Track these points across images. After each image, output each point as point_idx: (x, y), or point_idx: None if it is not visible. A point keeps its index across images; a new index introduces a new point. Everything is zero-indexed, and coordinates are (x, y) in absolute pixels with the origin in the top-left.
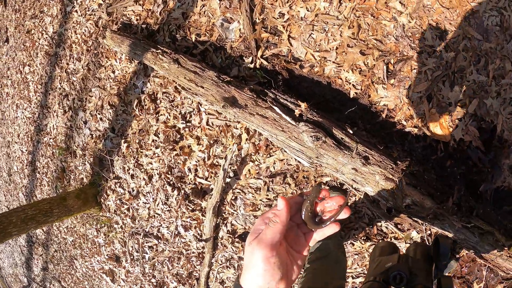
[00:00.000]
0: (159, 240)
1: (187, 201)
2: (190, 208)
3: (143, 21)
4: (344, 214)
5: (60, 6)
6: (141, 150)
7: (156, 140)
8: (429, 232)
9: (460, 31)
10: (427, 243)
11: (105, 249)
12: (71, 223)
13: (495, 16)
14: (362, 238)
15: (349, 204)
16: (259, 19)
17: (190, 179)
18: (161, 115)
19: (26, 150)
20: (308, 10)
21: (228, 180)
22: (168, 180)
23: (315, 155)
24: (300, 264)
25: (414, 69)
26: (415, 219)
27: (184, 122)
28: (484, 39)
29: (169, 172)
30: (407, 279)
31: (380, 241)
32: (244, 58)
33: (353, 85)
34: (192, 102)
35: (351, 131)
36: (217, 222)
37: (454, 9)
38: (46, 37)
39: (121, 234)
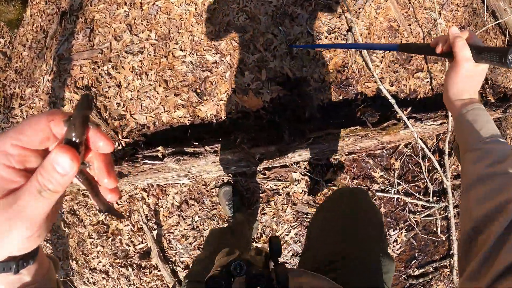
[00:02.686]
0: None
1: (141, 269)
2: (148, 272)
3: None
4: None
5: None
6: (87, 258)
7: (93, 241)
8: (303, 168)
9: (226, 39)
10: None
11: None
12: None
13: (242, 14)
14: (267, 203)
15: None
16: (107, 115)
17: (132, 251)
18: (85, 220)
19: None
20: (131, 91)
21: (155, 232)
22: (120, 264)
23: (186, 172)
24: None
25: (213, 81)
26: (283, 165)
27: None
28: (243, 33)
29: (116, 257)
30: (246, 268)
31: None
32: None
33: (184, 116)
34: None
35: (196, 143)
36: (171, 267)
37: (215, 29)
38: None
39: None
